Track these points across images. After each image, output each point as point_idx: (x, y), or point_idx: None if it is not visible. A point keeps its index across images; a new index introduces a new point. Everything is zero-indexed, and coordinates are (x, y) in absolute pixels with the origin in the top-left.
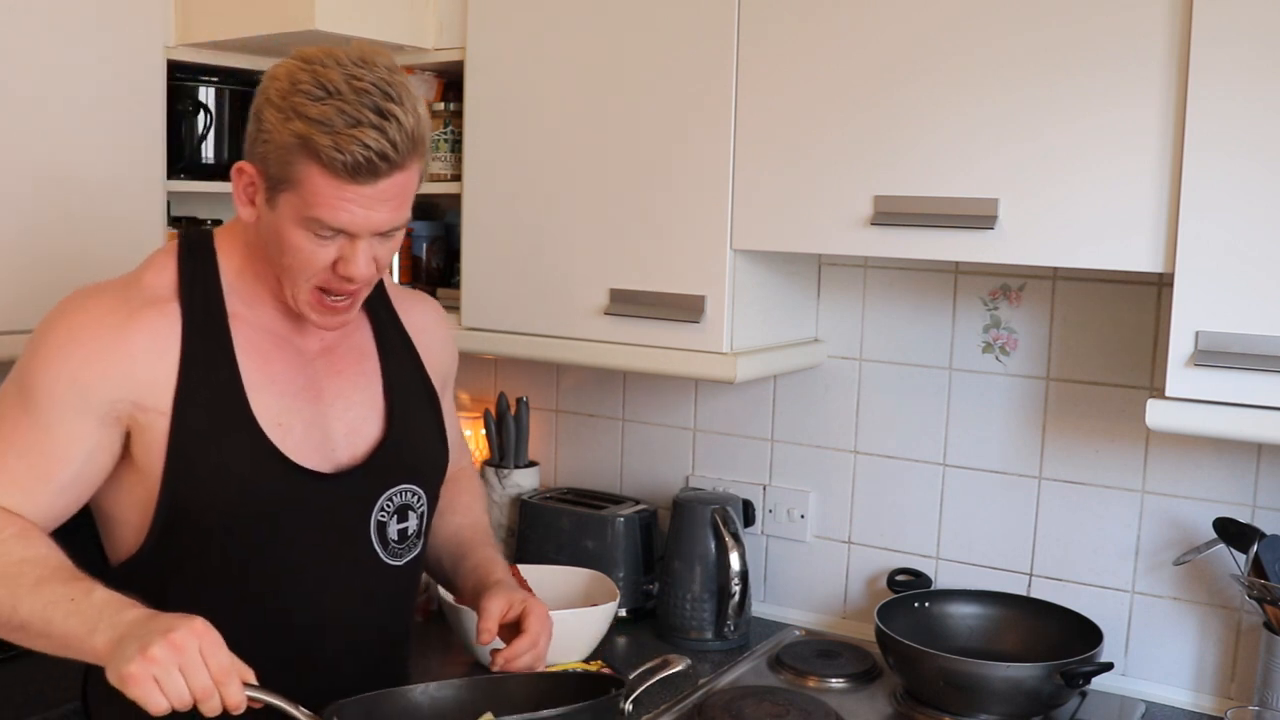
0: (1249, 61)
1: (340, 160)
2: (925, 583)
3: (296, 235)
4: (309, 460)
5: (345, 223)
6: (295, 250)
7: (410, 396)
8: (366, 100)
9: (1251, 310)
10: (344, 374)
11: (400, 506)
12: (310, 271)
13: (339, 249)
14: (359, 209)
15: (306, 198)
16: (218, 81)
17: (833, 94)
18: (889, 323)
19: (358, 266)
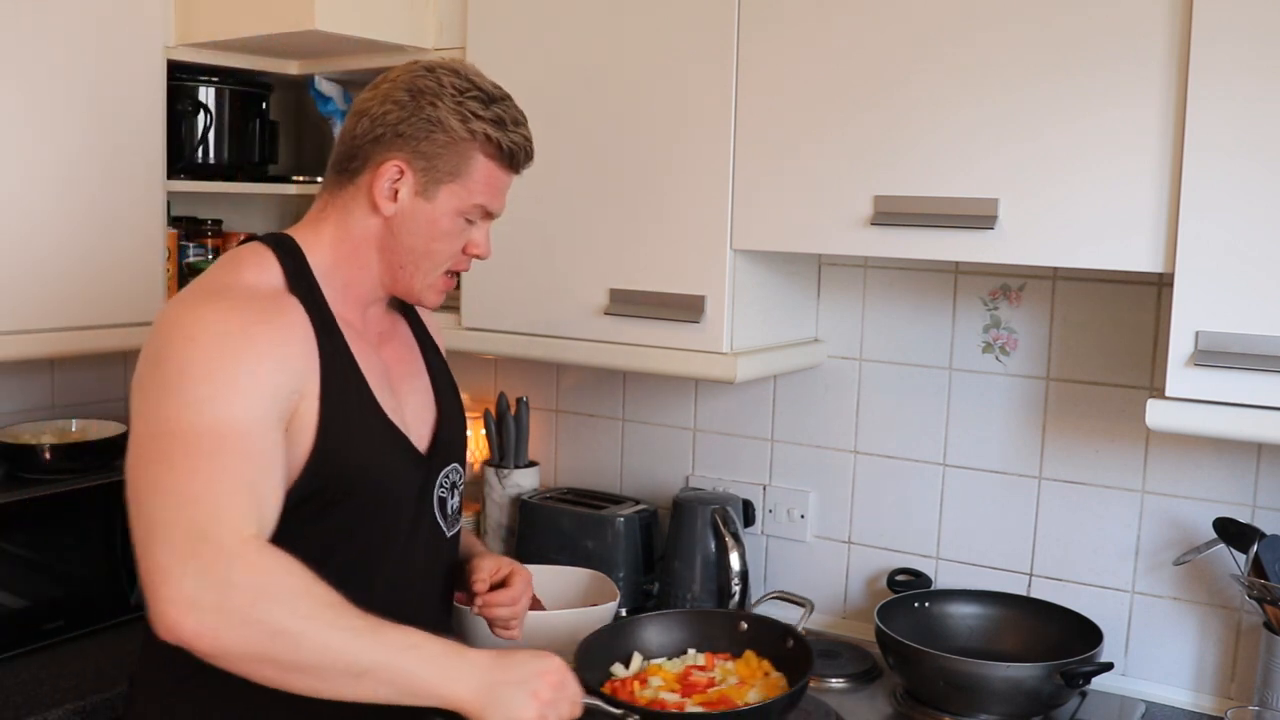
0: (1249, 61)
1: (514, 154)
2: (925, 583)
3: (451, 222)
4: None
5: (498, 207)
6: (446, 236)
7: (445, 382)
8: (513, 105)
9: (1251, 310)
10: (403, 363)
11: (452, 484)
12: (451, 254)
13: (473, 232)
14: (505, 195)
15: (473, 187)
16: (218, 81)
17: (833, 94)
18: (889, 323)
19: (488, 249)
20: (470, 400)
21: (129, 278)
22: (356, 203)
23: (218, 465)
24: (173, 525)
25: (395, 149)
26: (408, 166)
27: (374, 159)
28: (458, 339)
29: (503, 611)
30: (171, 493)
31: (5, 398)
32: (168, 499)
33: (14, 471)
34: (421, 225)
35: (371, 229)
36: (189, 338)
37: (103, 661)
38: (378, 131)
